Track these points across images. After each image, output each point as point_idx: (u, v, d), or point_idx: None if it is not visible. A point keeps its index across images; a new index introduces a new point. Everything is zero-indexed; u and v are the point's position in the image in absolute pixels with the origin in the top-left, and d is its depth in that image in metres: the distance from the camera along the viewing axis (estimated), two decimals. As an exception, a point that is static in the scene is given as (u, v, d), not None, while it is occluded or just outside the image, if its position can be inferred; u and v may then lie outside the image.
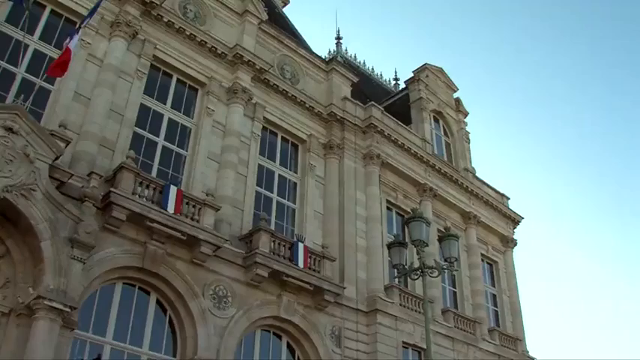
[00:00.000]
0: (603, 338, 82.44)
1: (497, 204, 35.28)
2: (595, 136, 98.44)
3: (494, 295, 34.17)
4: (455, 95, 36.89)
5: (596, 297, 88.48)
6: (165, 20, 23.45)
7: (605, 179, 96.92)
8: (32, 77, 19.43)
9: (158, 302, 20.06)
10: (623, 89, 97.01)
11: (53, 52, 20.18)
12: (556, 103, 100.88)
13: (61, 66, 18.03)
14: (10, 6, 19.29)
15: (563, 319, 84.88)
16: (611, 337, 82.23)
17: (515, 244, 35.98)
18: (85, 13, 20.37)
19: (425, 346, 19.95)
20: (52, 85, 20.00)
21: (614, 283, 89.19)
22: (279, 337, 23.01)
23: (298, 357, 23.09)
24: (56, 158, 17.10)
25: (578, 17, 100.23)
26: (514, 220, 36.41)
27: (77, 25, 19.45)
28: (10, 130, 16.02)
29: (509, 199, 36.97)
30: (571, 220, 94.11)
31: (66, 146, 17.88)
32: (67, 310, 15.84)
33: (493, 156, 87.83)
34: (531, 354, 32.96)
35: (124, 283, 19.47)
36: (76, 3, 21.32)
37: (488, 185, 35.75)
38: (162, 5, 23.28)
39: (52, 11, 21.22)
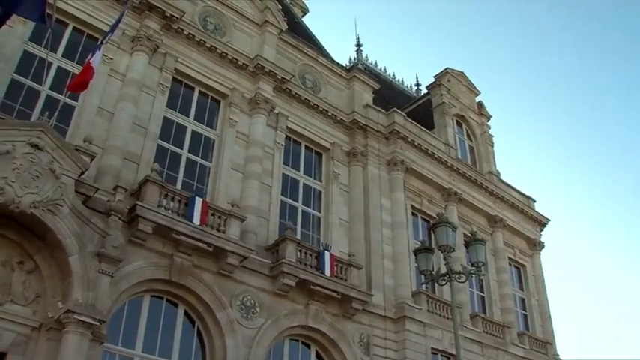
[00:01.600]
0: (636, 339, 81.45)
1: (523, 207, 35.05)
2: (621, 136, 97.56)
3: (522, 299, 33.89)
4: (477, 99, 36.74)
5: (626, 297, 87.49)
6: (186, 33, 23.62)
7: (631, 179, 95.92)
8: (56, 94, 19.65)
9: (186, 314, 20.15)
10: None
11: (76, 69, 20.35)
12: (581, 102, 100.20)
13: (83, 83, 18.22)
14: (34, 25, 19.52)
15: (593, 321, 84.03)
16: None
17: (543, 247, 35.69)
18: (106, 29, 20.58)
19: (454, 352, 19.80)
20: (76, 101, 20.23)
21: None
22: (308, 346, 22.98)
23: (327, 365, 23.10)
24: (82, 173, 17.26)
25: (601, 17, 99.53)
26: (540, 223, 36.12)
27: (99, 42, 19.63)
28: (36, 146, 16.21)
29: (535, 201, 36.71)
30: (599, 221, 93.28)
31: (91, 161, 18.05)
32: (96, 323, 15.98)
33: (517, 158, 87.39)
34: (562, 357, 32.68)
35: (151, 296, 19.58)
36: (98, 19, 21.58)
37: (513, 188, 35.53)
38: (183, 19, 23.46)
39: (75, 28, 21.48)
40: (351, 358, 22.79)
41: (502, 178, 35.17)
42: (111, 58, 21.35)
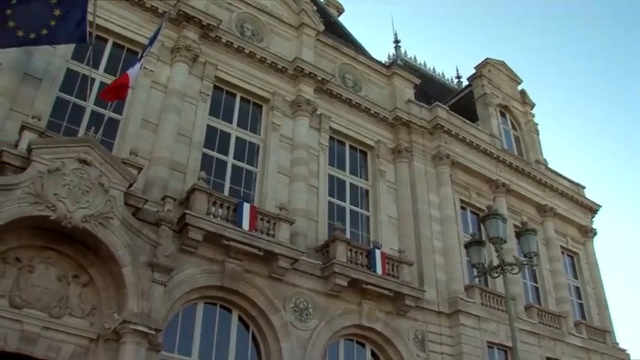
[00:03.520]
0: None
1: (572, 194, 34.56)
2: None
3: (577, 288, 33.38)
4: (519, 87, 36.36)
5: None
6: (224, 41, 23.78)
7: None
8: (101, 109, 19.87)
9: (240, 319, 20.25)
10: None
11: (119, 83, 20.64)
12: (625, 84, 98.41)
13: (117, 91, 18.45)
14: (75, 43, 19.82)
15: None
16: None
17: (595, 234, 35.10)
18: (144, 42, 20.80)
19: (510, 345, 19.65)
20: (120, 115, 20.49)
21: None
22: (363, 345, 22.92)
23: (383, 364, 23.03)
24: (130, 185, 17.47)
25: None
26: (592, 210, 35.53)
27: (139, 55, 19.86)
28: (84, 162, 16.49)
29: (584, 188, 36.14)
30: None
31: (138, 173, 18.28)
32: (152, 332, 16.13)
33: (564, 145, 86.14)
34: (622, 346, 32.07)
35: (205, 303, 19.72)
36: (136, 33, 21.85)
37: (562, 176, 35.04)
38: (220, 27, 23.63)
39: (114, 44, 21.77)
40: (407, 355, 22.69)
41: (549, 166, 34.74)
42: (152, 71, 21.60)
